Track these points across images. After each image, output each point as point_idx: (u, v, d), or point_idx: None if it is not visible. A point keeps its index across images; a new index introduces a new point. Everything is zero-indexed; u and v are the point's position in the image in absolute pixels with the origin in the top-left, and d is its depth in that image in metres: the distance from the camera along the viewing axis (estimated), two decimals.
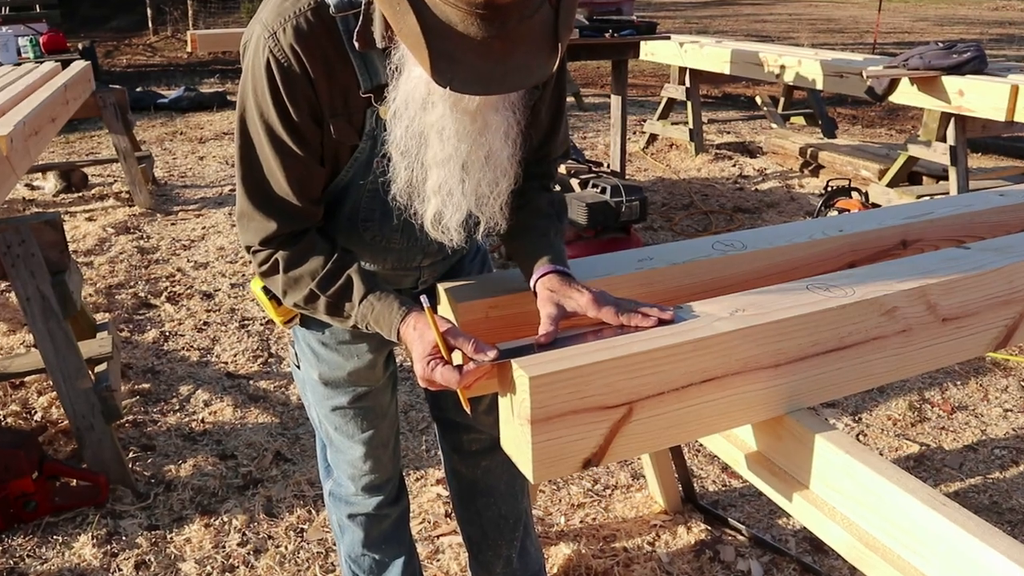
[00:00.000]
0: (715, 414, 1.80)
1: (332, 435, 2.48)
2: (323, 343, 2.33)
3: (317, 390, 2.41)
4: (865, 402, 4.49)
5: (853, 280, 2.00)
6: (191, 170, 9.33)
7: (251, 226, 1.96)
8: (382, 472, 2.53)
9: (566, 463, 1.69)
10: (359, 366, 2.34)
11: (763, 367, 1.81)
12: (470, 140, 1.77)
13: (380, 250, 2.16)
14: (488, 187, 1.86)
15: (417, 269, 2.28)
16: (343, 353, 2.33)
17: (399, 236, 2.12)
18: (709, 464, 3.97)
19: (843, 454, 1.72)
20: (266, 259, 1.99)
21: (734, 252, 2.28)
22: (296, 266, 1.97)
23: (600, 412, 1.67)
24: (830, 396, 1.95)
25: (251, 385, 4.72)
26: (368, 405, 2.41)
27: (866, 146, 9.03)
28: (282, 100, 1.83)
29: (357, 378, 2.36)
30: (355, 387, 2.37)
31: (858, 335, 1.90)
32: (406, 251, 2.18)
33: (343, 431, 2.44)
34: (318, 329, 2.31)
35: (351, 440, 2.45)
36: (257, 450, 4.08)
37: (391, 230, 2.09)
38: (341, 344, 2.31)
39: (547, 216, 2.17)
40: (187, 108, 12.70)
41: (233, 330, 5.41)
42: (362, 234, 2.09)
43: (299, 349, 2.41)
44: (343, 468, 2.53)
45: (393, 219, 2.04)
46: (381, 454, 2.50)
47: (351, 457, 2.48)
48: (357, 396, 2.38)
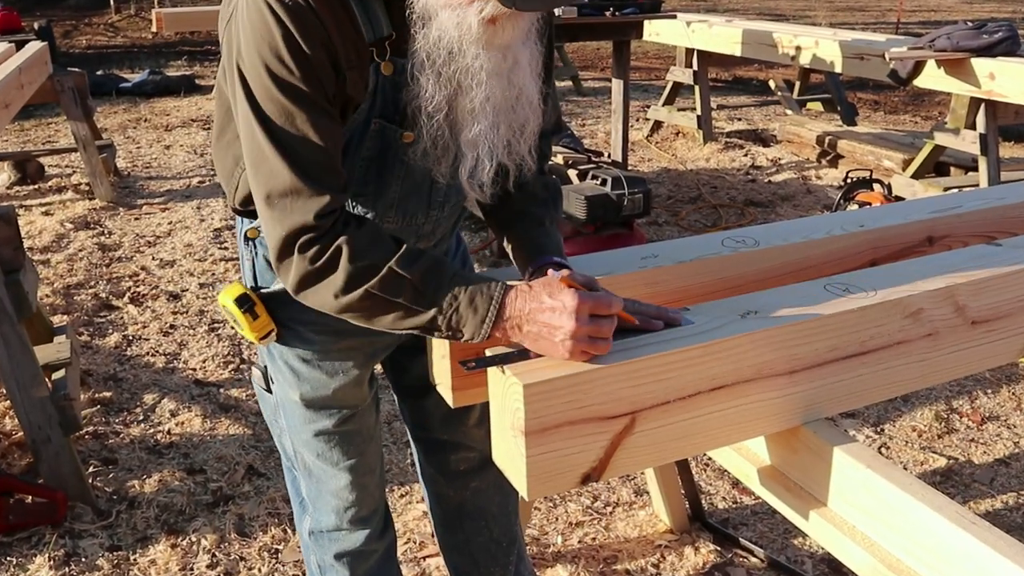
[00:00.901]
0: (725, 425, 1.80)
1: (313, 464, 2.40)
2: (304, 360, 2.25)
3: (296, 414, 2.33)
4: (888, 412, 4.49)
5: (875, 280, 2.00)
6: (156, 160, 9.32)
7: (298, 204, 1.79)
8: (369, 502, 2.48)
9: (563, 478, 1.69)
10: (345, 383, 2.27)
11: (777, 374, 1.81)
12: (504, 80, 1.81)
13: None
14: (519, 129, 1.90)
15: None
16: (327, 370, 2.26)
17: (394, 213, 2.07)
18: (718, 479, 3.97)
19: (864, 468, 1.72)
20: (320, 251, 1.79)
21: (745, 249, 2.28)
22: (365, 251, 1.79)
23: (600, 423, 1.67)
24: (850, 406, 1.95)
25: (221, 393, 4.71)
26: (354, 428, 2.36)
27: (889, 134, 9.05)
28: (300, 48, 1.75)
29: (343, 397, 2.30)
30: (340, 408, 2.31)
31: (880, 339, 1.91)
32: (400, 232, 2.11)
33: (326, 458, 2.37)
34: (299, 345, 2.23)
35: (335, 468, 2.38)
36: (228, 464, 4.07)
37: (385, 206, 2.05)
38: (325, 361, 2.25)
39: (543, 203, 2.17)
40: (152, 93, 12.69)
41: (202, 334, 5.40)
42: (354, 212, 1.99)
43: (274, 369, 2.32)
44: (326, 501, 2.46)
45: (389, 191, 2.02)
46: (368, 481, 2.45)
47: (335, 487, 2.42)
48: (343, 418, 2.32)
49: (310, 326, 2.18)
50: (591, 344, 1.68)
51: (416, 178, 2.01)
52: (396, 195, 2.03)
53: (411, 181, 2.02)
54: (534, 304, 1.74)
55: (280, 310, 2.15)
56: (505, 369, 1.66)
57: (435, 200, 2.10)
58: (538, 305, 1.74)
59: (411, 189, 2.04)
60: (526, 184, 2.16)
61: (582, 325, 1.68)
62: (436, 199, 2.10)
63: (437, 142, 1.87)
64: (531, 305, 1.75)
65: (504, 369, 1.66)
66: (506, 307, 1.76)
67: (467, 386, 2.03)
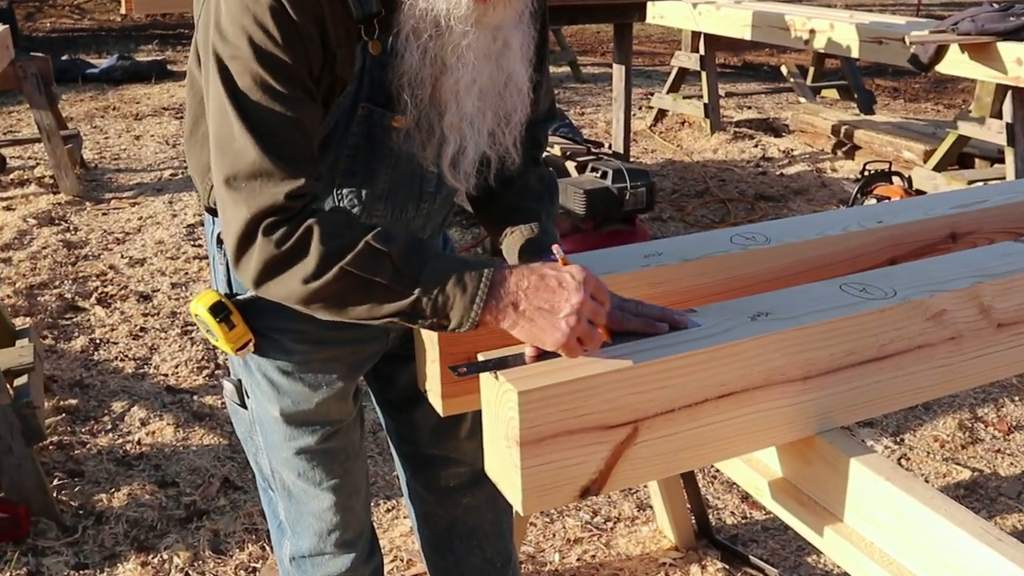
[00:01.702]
0: (734, 435, 1.80)
1: (293, 485, 2.36)
2: (285, 372, 2.21)
3: (275, 430, 2.29)
4: (908, 421, 4.49)
5: (894, 279, 2.00)
6: (126, 151, 9.32)
7: (267, 186, 1.76)
8: (355, 524, 2.45)
9: (561, 491, 1.69)
10: (329, 397, 2.24)
11: (789, 380, 1.81)
12: (493, 63, 1.83)
13: None
14: (505, 117, 1.91)
15: None
16: (309, 383, 2.22)
17: (383, 206, 2.06)
18: (727, 493, 3.97)
19: (882, 481, 1.72)
20: (288, 232, 1.75)
21: (756, 247, 2.28)
22: (338, 231, 1.76)
23: (600, 432, 1.67)
24: (867, 414, 1.96)
25: (195, 401, 4.71)
26: (338, 445, 2.33)
27: (909, 124, 9.06)
28: (289, 19, 1.74)
29: (327, 412, 2.27)
30: (324, 424, 2.27)
31: (900, 343, 1.91)
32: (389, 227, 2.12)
33: (308, 478, 2.33)
34: (279, 356, 2.19)
35: (318, 488, 2.35)
36: (202, 476, 4.07)
37: (374, 198, 2.03)
38: (307, 373, 2.21)
39: (538, 197, 2.18)
40: (121, 80, 12.67)
41: (174, 337, 5.40)
42: (338, 205, 2.02)
43: (250, 382, 2.28)
44: (307, 524, 2.42)
45: (378, 182, 2.01)
46: (353, 502, 2.42)
47: (317, 509, 2.38)
48: (326, 435, 2.29)
49: (291, 335, 2.15)
50: (589, 333, 1.69)
51: (406, 167, 2.00)
52: (385, 185, 2.02)
53: (400, 170, 2.01)
54: (534, 278, 1.73)
55: (258, 318, 2.11)
56: (499, 375, 1.66)
57: (426, 192, 2.10)
58: (539, 279, 1.73)
59: (401, 179, 2.03)
60: (519, 177, 2.17)
61: (588, 301, 1.68)
62: (427, 190, 2.09)
63: (422, 124, 1.87)
64: (531, 279, 1.73)
65: (498, 375, 1.66)
66: (499, 285, 1.74)
67: (459, 393, 2.03)
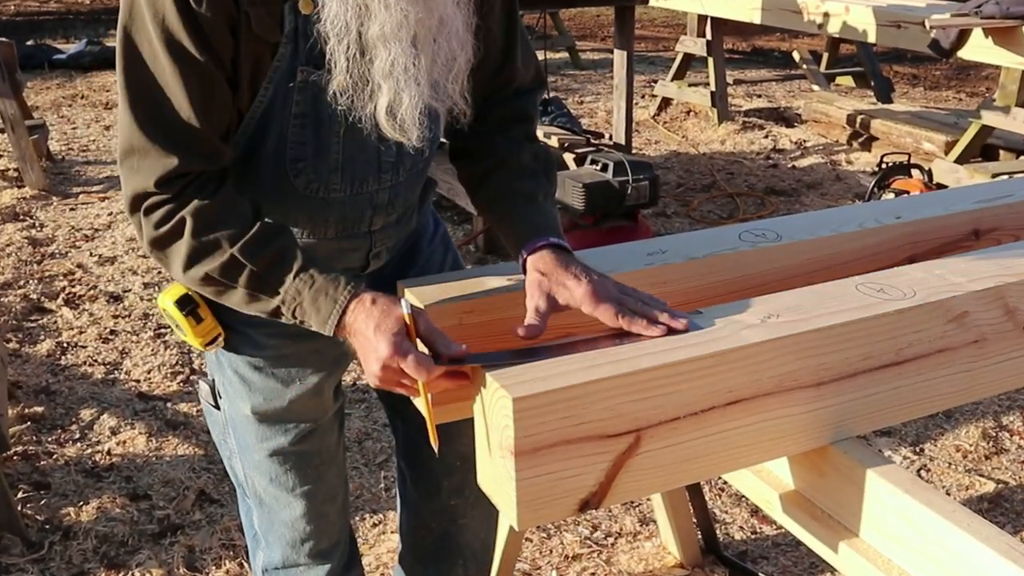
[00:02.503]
0: (743, 444, 1.80)
1: (264, 491, 2.37)
2: (256, 367, 2.24)
3: (247, 431, 2.31)
4: (928, 429, 4.50)
5: (913, 279, 2.00)
6: (95, 143, 9.32)
7: (144, 164, 1.86)
8: (330, 533, 2.45)
9: (559, 505, 1.69)
10: (302, 393, 2.26)
11: (802, 386, 1.81)
12: (420, 5, 1.83)
13: (318, 205, 2.10)
14: (444, 65, 1.93)
15: (367, 236, 2.22)
16: (281, 378, 2.25)
17: (339, 179, 2.07)
18: (735, 506, 3.97)
19: (901, 494, 1.72)
20: (165, 217, 1.88)
21: (766, 244, 2.28)
22: (211, 226, 1.88)
23: (601, 442, 1.67)
24: (885, 422, 1.96)
25: (169, 408, 4.70)
26: (312, 448, 2.34)
27: (930, 113, 9.07)
28: None
29: (301, 409, 2.28)
30: (298, 423, 2.29)
31: (919, 347, 1.91)
32: (351, 204, 2.12)
33: (280, 483, 2.34)
34: (250, 351, 2.23)
35: (290, 494, 2.36)
36: (176, 489, 4.06)
37: (328, 170, 2.04)
38: (279, 368, 2.24)
39: (532, 175, 2.18)
40: (90, 66, 12.66)
41: (146, 340, 5.40)
42: (293, 181, 2.03)
43: (222, 380, 2.31)
44: (279, 533, 2.42)
45: (330, 152, 2.02)
46: (328, 509, 2.42)
47: (289, 517, 2.39)
48: (300, 435, 2.30)
49: (261, 329, 2.18)
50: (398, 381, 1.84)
51: (357, 135, 1.99)
52: (338, 155, 2.03)
53: (352, 139, 2.01)
54: (361, 326, 1.86)
55: (227, 312, 2.11)
56: (491, 380, 1.65)
57: (385, 161, 2.10)
58: (364, 330, 1.85)
59: (355, 149, 2.03)
60: (511, 156, 2.19)
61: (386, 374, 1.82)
62: (386, 160, 2.10)
63: (356, 79, 1.88)
64: (359, 326, 1.87)
65: (489, 380, 1.66)
66: (346, 315, 1.88)
67: (448, 400, 2.02)
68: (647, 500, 3.88)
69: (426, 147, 2.11)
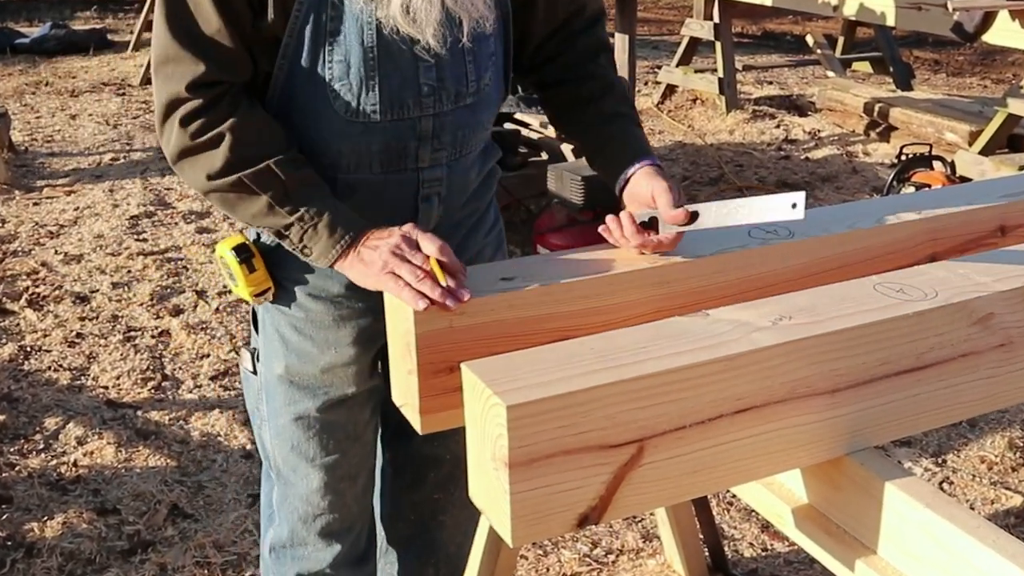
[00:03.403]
0: (753, 455, 1.80)
1: (284, 460, 2.49)
2: (295, 327, 2.40)
3: (278, 393, 2.45)
4: (951, 439, 4.50)
5: (935, 278, 2.00)
6: (60, 132, 9.31)
7: (176, 72, 2.08)
8: (344, 514, 2.54)
9: (556, 520, 1.69)
10: (335, 361, 2.40)
11: (816, 393, 1.81)
12: None
13: (359, 132, 2.21)
14: None
15: (415, 172, 2.31)
16: (318, 342, 2.39)
17: (377, 101, 2.17)
18: (744, 521, 3.98)
19: (922, 508, 1.72)
20: (202, 128, 2.10)
21: (778, 241, 2.28)
22: (250, 141, 2.11)
23: (601, 452, 1.67)
24: (904, 432, 1.96)
25: (139, 417, 4.70)
26: (339, 419, 2.45)
27: (952, 101, 9.07)
28: None
29: (331, 377, 2.42)
30: (328, 390, 2.42)
31: (942, 351, 1.91)
32: (392, 131, 2.23)
33: (300, 451, 2.46)
34: (293, 310, 2.39)
35: (309, 464, 2.47)
36: (147, 503, 4.06)
37: (366, 91, 2.16)
38: (318, 331, 2.39)
39: (630, 105, 2.44)
40: (55, 51, 12.66)
41: (115, 344, 5.39)
42: (333, 105, 2.17)
43: (263, 339, 2.48)
44: (293, 506, 2.53)
45: (366, 69, 2.13)
46: (345, 488, 2.51)
47: (305, 490, 2.49)
48: (329, 403, 2.43)
49: (308, 288, 2.36)
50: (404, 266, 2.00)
51: (392, 50, 2.13)
52: (375, 74, 2.15)
53: (387, 54, 2.13)
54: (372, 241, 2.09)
55: (278, 267, 2.35)
56: (484, 387, 1.65)
57: (425, 84, 2.20)
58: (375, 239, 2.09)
59: (391, 66, 2.15)
60: (606, 83, 2.40)
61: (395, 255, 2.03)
62: (426, 82, 2.20)
63: None
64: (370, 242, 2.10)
65: (482, 386, 1.66)
66: (360, 237, 2.11)
67: (440, 407, 2.03)
68: (650, 515, 3.88)
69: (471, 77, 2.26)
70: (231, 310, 5.74)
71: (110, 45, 13.06)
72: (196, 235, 6.82)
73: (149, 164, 8.30)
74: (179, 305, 5.80)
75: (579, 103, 2.40)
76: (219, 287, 6.00)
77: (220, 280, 6.08)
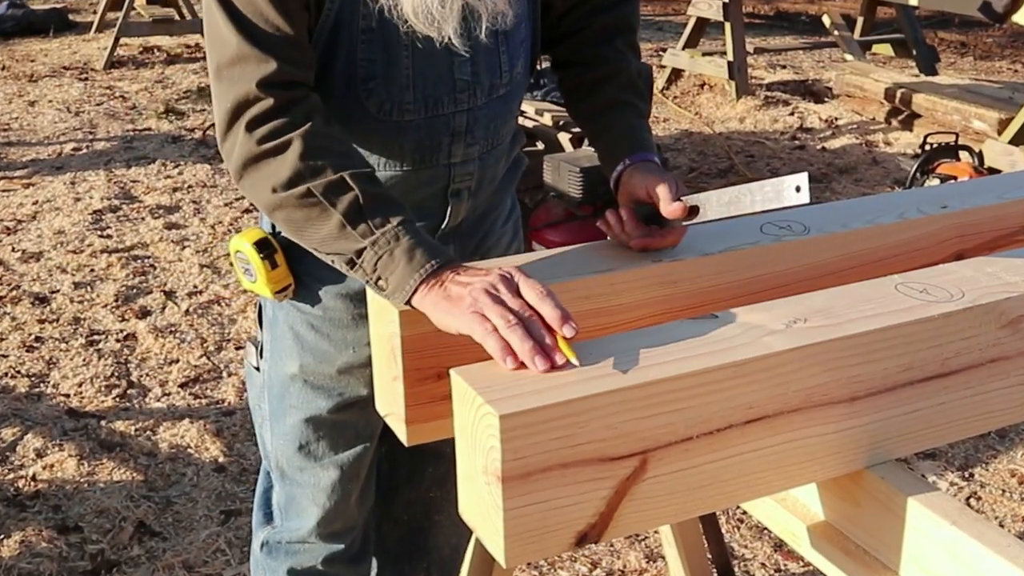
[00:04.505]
0: (765, 469, 1.80)
1: (289, 462, 2.53)
2: (312, 325, 2.43)
3: (289, 392, 2.48)
4: (978, 452, 4.51)
5: (962, 278, 2.00)
6: (18, 120, 9.30)
7: (245, 72, 2.04)
8: (346, 516, 2.58)
9: (553, 538, 1.68)
10: (353, 362, 2.43)
11: (833, 401, 1.81)
12: None
13: (392, 130, 2.25)
14: None
15: (446, 168, 2.35)
16: (336, 342, 2.43)
17: (412, 98, 2.21)
18: (756, 540, 3.98)
19: (948, 526, 1.72)
20: (272, 134, 2.03)
21: (792, 237, 2.28)
22: (321, 151, 2.04)
23: (601, 466, 1.66)
24: (929, 443, 1.96)
25: (103, 427, 4.70)
26: (350, 420, 2.49)
27: (980, 87, 9.08)
28: None
29: (348, 378, 2.46)
30: (343, 391, 2.46)
31: (968, 356, 1.91)
32: (426, 128, 2.27)
33: (310, 452, 2.50)
34: (312, 307, 2.42)
35: (318, 463, 2.51)
36: (111, 520, 4.06)
37: (400, 88, 2.19)
38: (337, 331, 2.43)
39: (640, 94, 2.42)
40: (12, 32, 12.66)
41: (77, 349, 5.39)
42: (365, 103, 2.19)
43: (272, 337, 2.51)
44: (301, 507, 2.57)
45: (400, 67, 2.17)
46: (352, 488, 2.56)
47: (312, 491, 2.54)
48: (343, 403, 2.46)
49: (328, 286, 2.39)
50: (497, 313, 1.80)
51: (428, 48, 2.13)
52: (409, 71, 2.18)
53: (422, 52, 2.16)
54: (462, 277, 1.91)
55: (298, 263, 2.37)
56: (475, 394, 1.65)
57: (460, 80, 2.25)
58: (465, 274, 1.92)
59: (426, 64, 2.19)
60: (621, 69, 2.40)
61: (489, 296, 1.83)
62: (461, 78, 2.24)
63: None
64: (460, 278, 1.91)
65: (472, 394, 1.66)
66: (445, 268, 1.95)
67: (427, 417, 2.03)
68: (654, 533, 3.88)
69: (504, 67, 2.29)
70: (202, 312, 5.75)
71: (71, 26, 13.06)
72: (164, 231, 6.83)
73: (113, 154, 8.29)
74: (146, 306, 5.81)
75: (585, 88, 2.42)
76: (189, 287, 6.01)
77: (190, 280, 6.09)
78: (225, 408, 4.87)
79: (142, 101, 10.16)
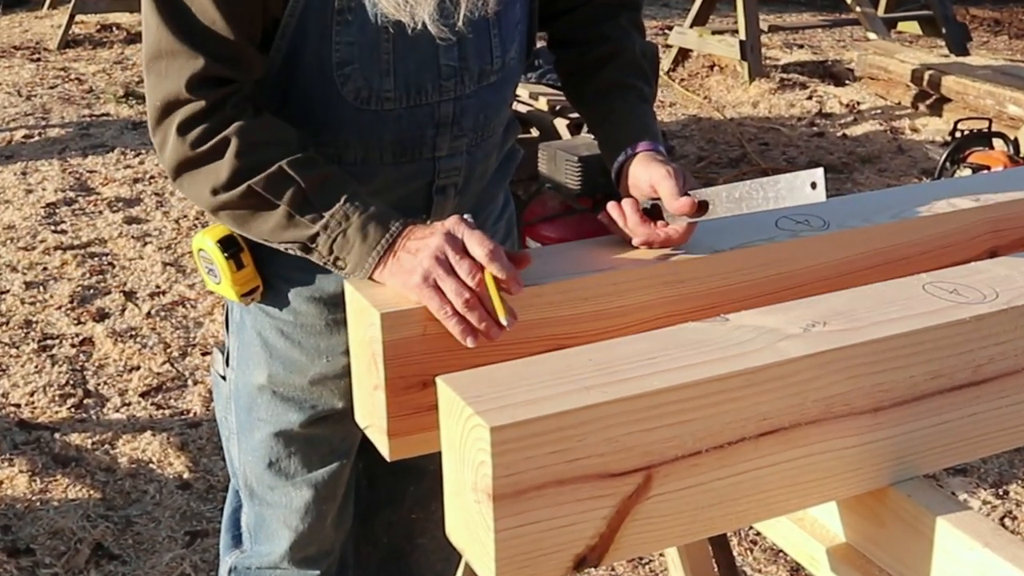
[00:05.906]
0: (780, 486, 1.80)
1: (258, 480, 2.51)
2: (283, 333, 2.42)
3: (257, 404, 2.46)
4: (1014, 467, 4.51)
5: (995, 277, 2.01)
6: None
7: (173, 67, 2.06)
8: (322, 538, 2.56)
9: (549, 562, 1.68)
10: (326, 372, 2.42)
11: (855, 412, 1.81)
12: None
13: (371, 121, 2.24)
14: None
15: (430, 163, 2.34)
16: (308, 350, 2.41)
17: (393, 86, 2.21)
18: (771, 563, 3.98)
19: (980, 548, 1.72)
20: (204, 136, 2.07)
21: (810, 233, 2.29)
22: (258, 145, 2.08)
23: (602, 482, 1.67)
24: (960, 458, 1.96)
25: (57, 440, 4.69)
26: (324, 434, 2.47)
27: (1015, 68, 9.09)
28: None
29: (321, 389, 2.43)
30: (315, 403, 2.43)
31: (1003, 363, 1.91)
32: (408, 119, 2.27)
33: (280, 469, 2.47)
34: (281, 312, 2.41)
35: (289, 482, 2.48)
36: (66, 542, 4.06)
37: (379, 73, 2.18)
38: (309, 337, 2.41)
39: (644, 76, 2.40)
40: None
41: (29, 355, 5.39)
42: (341, 91, 2.19)
43: (239, 344, 2.50)
44: (272, 531, 2.55)
45: (380, 51, 2.15)
46: (328, 510, 2.53)
47: (283, 512, 2.51)
48: (316, 416, 2.44)
49: (299, 288, 2.38)
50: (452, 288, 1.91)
51: (407, 26, 2.11)
52: (389, 55, 2.17)
53: (403, 35, 2.13)
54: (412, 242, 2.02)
55: (267, 263, 2.35)
56: (464, 405, 1.65)
57: (445, 66, 2.24)
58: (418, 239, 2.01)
59: (408, 48, 2.17)
60: (624, 49, 2.39)
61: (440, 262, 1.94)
62: (446, 63, 2.23)
63: None
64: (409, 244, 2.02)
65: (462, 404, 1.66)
66: (399, 239, 2.04)
67: (411, 429, 2.03)
68: (659, 556, 3.89)
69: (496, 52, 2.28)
70: (165, 314, 5.75)
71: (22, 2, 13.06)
72: (124, 226, 6.83)
73: (68, 142, 8.30)
74: (104, 308, 5.81)
75: (584, 70, 2.42)
76: (151, 288, 6.01)
77: (152, 280, 6.09)
78: (190, 419, 4.86)
79: (100, 84, 10.17)
